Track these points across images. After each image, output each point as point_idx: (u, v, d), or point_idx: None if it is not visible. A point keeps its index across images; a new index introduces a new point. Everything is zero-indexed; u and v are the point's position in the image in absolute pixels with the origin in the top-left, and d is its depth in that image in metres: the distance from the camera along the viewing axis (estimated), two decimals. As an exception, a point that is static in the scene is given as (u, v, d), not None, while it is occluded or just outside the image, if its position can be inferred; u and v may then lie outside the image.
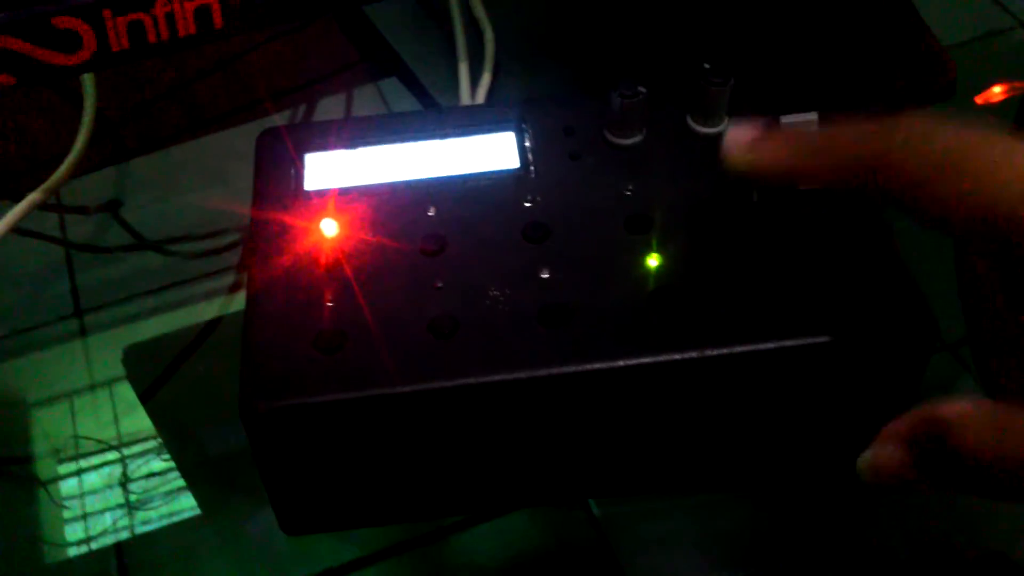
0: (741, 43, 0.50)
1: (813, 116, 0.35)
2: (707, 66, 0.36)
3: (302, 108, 0.56)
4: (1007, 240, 0.24)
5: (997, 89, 0.52)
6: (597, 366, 0.30)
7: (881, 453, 0.27)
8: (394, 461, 0.33)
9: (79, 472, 0.42)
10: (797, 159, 0.28)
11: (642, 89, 0.36)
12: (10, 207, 0.47)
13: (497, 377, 0.30)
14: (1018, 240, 0.24)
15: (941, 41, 0.52)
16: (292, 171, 0.36)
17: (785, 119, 0.34)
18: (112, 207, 0.51)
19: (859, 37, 0.52)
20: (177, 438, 0.43)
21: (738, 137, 0.30)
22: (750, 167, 0.29)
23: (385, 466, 0.33)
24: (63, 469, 0.42)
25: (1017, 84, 0.52)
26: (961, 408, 0.25)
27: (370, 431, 0.31)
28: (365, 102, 0.55)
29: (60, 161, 0.49)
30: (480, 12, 0.55)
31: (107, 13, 0.36)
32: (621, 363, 0.30)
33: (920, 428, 0.26)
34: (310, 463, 0.32)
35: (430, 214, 0.34)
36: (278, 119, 0.55)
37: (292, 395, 0.30)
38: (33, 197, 0.47)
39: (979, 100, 0.52)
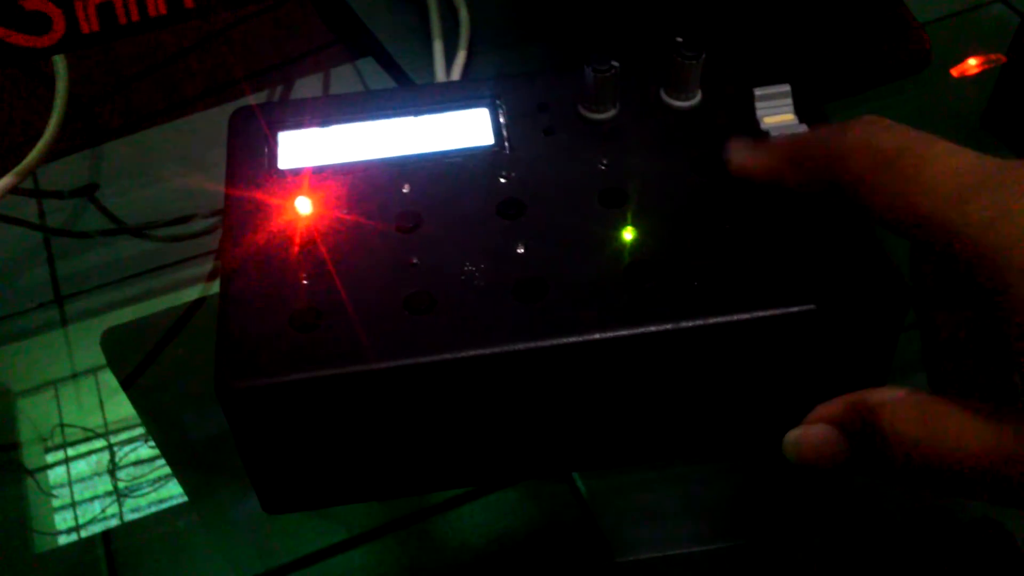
0: (714, 17, 0.50)
1: (785, 88, 0.35)
2: (679, 40, 0.36)
3: (279, 88, 0.55)
4: (930, 239, 0.26)
5: (972, 61, 0.52)
6: (573, 339, 0.31)
7: (810, 433, 0.28)
8: (372, 438, 0.33)
9: (66, 460, 0.42)
10: (774, 165, 0.31)
11: (615, 63, 0.36)
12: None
13: (474, 352, 0.30)
14: (936, 238, 0.25)
15: (921, 15, 0.52)
16: (265, 150, 0.36)
17: (758, 91, 0.35)
18: (88, 191, 0.51)
19: (832, 9, 0.52)
20: (161, 423, 0.43)
21: (736, 145, 0.33)
22: (743, 172, 0.33)
23: (364, 443, 0.33)
24: (50, 457, 0.42)
25: (992, 56, 0.52)
26: (893, 395, 0.26)
27: (347, 408, 0.31)
28: (341, 81, 0.55)
29: (33, 145, 0.48)
30: (455, -11, 0.55)
31: (76, -6, 0.36)
32: (597, 336, 0.31)
33: (851, 412, 0.27)
34: (288, 441, 0.32)
35: (405, 191, 0.34)
36: (254, 100, 0.55)
37: (268, 374, 0.30)
38: (6, 181, 0.47)
39: (955, 72, 0.52)
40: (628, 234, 0.33)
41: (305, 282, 0.32)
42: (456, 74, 0.51)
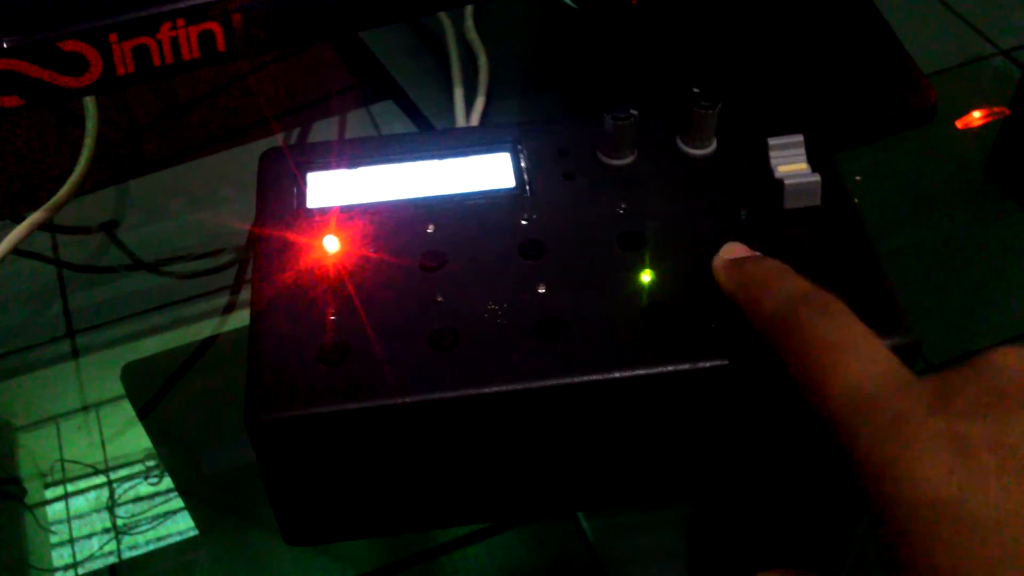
0: (729, 68, 0.51)
1: (799, 138, 0.36)
2: (696, 90, 0.37)
3: (295, 132, 0.56)
4: (832, 435, 0.26)
5: (977, 114, 0.54)
6: (592, 378, 0.31)
7: None
8: (395, 472, 0.33)
9: (67, 495, 0.42)
10: (732, 291, 0.32)
11: (634, 112, 0.37)
12: (8, 227, 0.47)
13: (495, 388, 0.31)
14: (837, 439, 0.26)
15: (925, 68, 0.53)
16: (294, 189, 0.37)
17: (772, 140, 0.36)
18: (108, 227, 0.52)
19: (842, 63, 0.53)
20: (172, 458, 0.43)
21: (722, 255, 0.33)
22: (720, 285, 0.32)
23: (387, 477, 0.33)
24: (50, 493, 0.43)
25: (996, 109, 0.54)
26: None
27: (372, 441, 0.32)
28: (361, 125, 0.56)
29: (56, 181, 0.49)
30: (474, 36, 0.56)
31: (113, 37, 0.37)
32: (616, 375, 0.31)
33: None
34: (313, 473, 0.33)
35: (429, 231, 0.35)
36: (275, 142, 0.56)
37: (296, 406, 0.31)
38: (36, 217, 0.47)
39: (959, 125, 0.53)
40: (646, 276, 0.34)
41: (333, 318, 0.33)
42: (475, 119, 0.52)
